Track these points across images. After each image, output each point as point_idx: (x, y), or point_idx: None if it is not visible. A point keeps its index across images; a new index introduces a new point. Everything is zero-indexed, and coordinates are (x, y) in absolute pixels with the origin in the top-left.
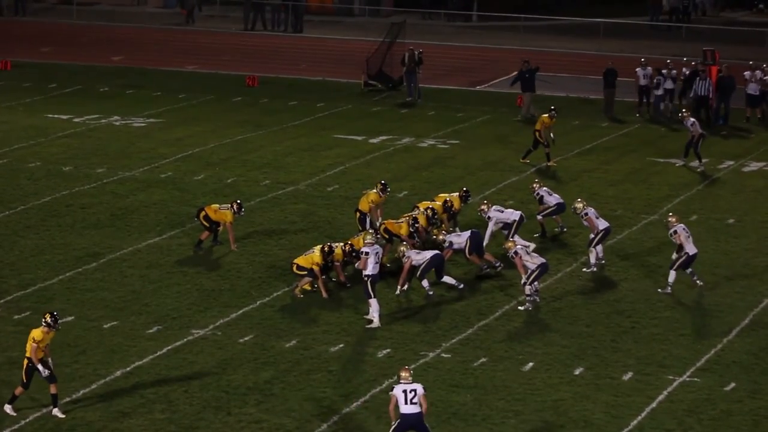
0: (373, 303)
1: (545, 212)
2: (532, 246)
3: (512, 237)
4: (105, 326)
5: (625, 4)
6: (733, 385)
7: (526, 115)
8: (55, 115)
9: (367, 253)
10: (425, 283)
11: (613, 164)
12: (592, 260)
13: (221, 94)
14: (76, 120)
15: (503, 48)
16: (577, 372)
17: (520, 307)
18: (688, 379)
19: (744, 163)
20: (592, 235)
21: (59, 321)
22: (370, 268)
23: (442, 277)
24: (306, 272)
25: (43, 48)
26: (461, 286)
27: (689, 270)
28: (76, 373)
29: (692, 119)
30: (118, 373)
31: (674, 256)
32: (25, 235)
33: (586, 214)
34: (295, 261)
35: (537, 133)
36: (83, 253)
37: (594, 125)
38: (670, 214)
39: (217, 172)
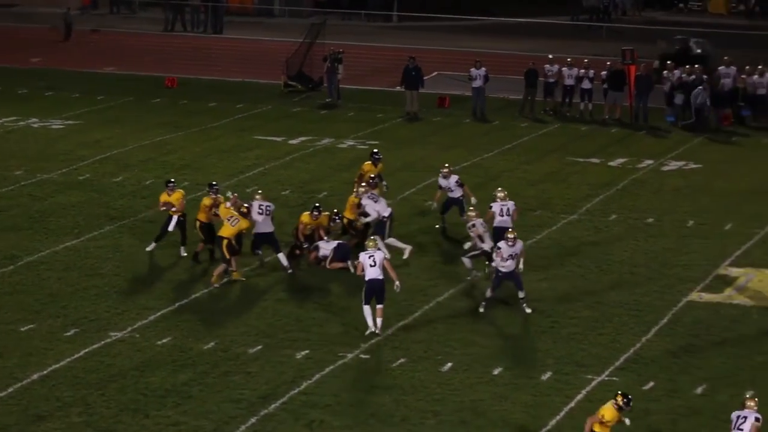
0: (366, 309)
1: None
2: (409, 249)
3: (387, 237)
4: (22, 329)
5: (547, 4)
6: (651, 384)
7: (410, 111)
8: None
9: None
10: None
11: (533, 164)
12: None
13: (140, 95)
14: None
15: (424, 48)
16: (495, 372)
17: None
18: (606, 378)
19: (663, 163)
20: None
21: None
22: (367, 273)
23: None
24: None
25: None
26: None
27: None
28: None
29: None
30: (35, 376)
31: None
32: None
33: (474, 225)
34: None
35: None
36: (0, 255)
37: (514, 125)
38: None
39: (135, 173)
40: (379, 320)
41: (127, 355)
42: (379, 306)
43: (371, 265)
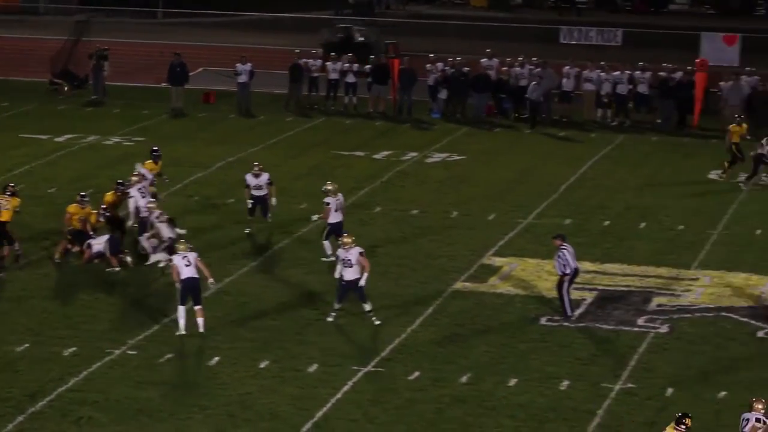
0: (180, 310)
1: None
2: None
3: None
4: None
5: None
6: (417, 373)
7: (175, 107)
8: None
9: (170, 260)
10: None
11: (298, 158)
12: None
13: None
14: None
15: (189, 44)
16: (262, 365)
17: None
18: (372, 369)
19: (427, 155)
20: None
21: None
22: (183, 273)
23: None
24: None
25: None
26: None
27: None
28: None
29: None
30: None
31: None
32: None
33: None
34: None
35: (735, 147)
36: None
37: (279, 119)
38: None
39: None
40: (200, 320)
41: None
42: (197, 307)
43: (186, 265)
